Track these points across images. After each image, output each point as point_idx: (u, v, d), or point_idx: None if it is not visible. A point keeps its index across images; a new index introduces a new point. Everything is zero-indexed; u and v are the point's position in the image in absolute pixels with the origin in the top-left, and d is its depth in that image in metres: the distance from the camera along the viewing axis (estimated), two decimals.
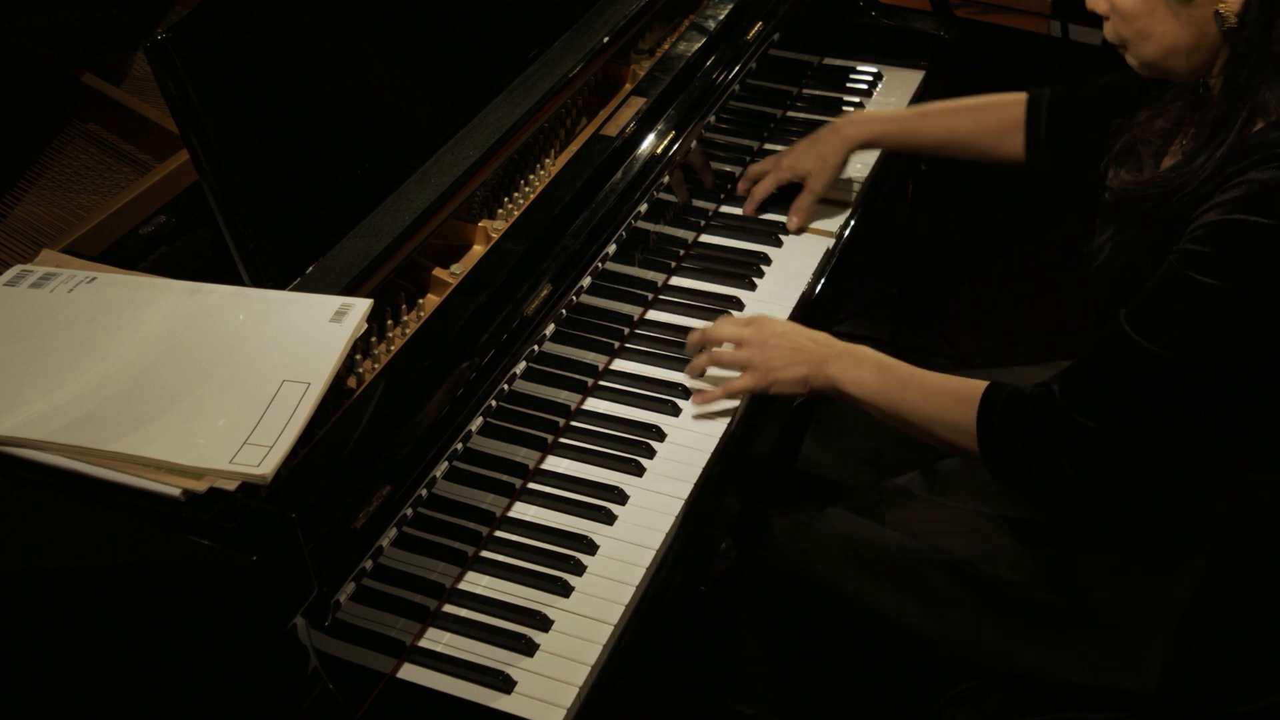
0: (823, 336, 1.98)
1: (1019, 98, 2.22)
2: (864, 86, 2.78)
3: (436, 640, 1.72)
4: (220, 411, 1.53)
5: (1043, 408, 1.72)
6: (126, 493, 1.47)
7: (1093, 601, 1.85)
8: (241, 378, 1.57)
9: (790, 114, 2.71)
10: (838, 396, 1.93)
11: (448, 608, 1.76)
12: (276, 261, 1.73)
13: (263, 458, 1.47)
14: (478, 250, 2.00)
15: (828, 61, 2.85)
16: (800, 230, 2.37)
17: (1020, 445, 1.75)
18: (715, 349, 2.04)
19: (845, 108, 2.72)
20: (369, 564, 1.61)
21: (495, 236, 1.96)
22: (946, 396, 1.82)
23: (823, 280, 2.30)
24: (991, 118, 2.24)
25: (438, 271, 1.91)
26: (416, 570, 1.72)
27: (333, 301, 1.66)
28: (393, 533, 1.65)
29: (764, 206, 2.43)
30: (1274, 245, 1.57)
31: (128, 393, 1.56)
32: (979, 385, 1.80)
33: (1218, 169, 1.66)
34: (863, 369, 1.91)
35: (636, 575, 1.79)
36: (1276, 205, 1.57)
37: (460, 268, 1.94)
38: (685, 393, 2.06)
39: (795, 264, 2.31)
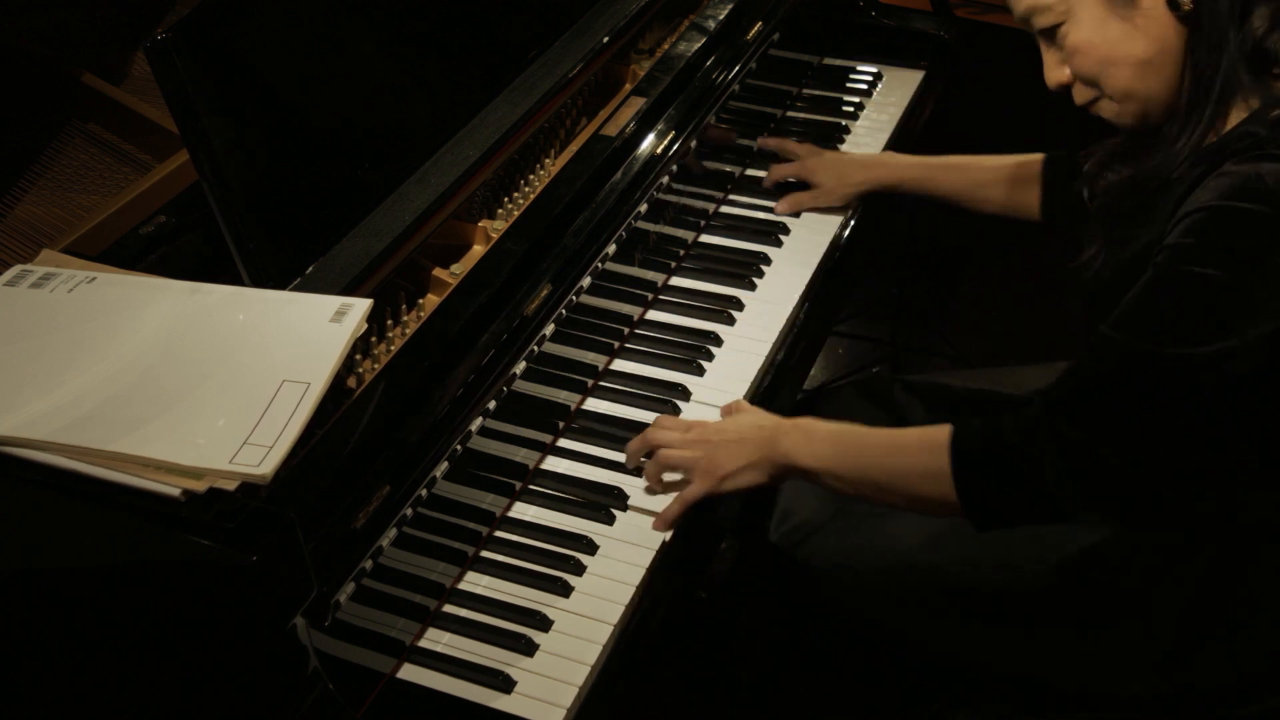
0: (767, 418, 1.89)
1: (1038, 156, 2.23)
2: (864, 87, 2.78)
3: (436, 640, 1.72)
4: (220, 411, 1.53)
5: (1024, 430, 1.66)
6: (126, 493, 1.47)
7: (1091, 603, 1.85)
8: (241, 378, 1.57)
9: (790, 114, 2.71)
10: (799, 475, 1.84)
11: (448, 608, 1.76)
12: (276, 261, 1.73)
13: (262, 458, 1.47)
14: (478, 250, 2.00)
15: (828, 61, 2.85)
16: (787, 214, 2.43)
17: (1003, 476, 1.68)
18: (661, 451, 1.90)
19: (845, 107, 2.72)
20: (369, 564, 1.61)
21: (495, 236, 1.96)
22: (912, 448, 1.74)
23: (823, 280, 2.30)
24: (1009, 174, 2.25)
25: (438, 271, 1.91)
26: (416, 570, 1.72)
27: (333, 301, 1.66)
28: (393, 533, 1.65)
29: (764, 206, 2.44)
30: (1269, 231, 1.57)
31: (128, 393, 1.56)
32: (944, 429, 1.72)
33: (1192, 164, 1.66)
34: (815, 440, 1.82)
35: (636, 575, 1.79)
36: (1265, 193, 1.57)
37: (460, 268, 1.94)
38: (685, 393, 2.06)
39: (795, 264, 2.31)
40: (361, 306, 1.64)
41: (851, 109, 2.72)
